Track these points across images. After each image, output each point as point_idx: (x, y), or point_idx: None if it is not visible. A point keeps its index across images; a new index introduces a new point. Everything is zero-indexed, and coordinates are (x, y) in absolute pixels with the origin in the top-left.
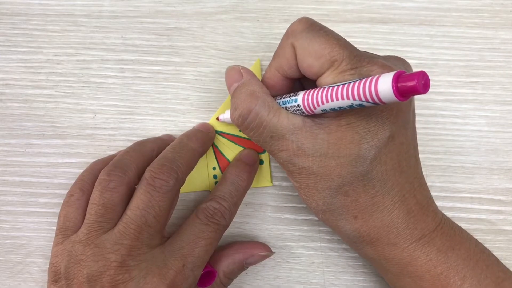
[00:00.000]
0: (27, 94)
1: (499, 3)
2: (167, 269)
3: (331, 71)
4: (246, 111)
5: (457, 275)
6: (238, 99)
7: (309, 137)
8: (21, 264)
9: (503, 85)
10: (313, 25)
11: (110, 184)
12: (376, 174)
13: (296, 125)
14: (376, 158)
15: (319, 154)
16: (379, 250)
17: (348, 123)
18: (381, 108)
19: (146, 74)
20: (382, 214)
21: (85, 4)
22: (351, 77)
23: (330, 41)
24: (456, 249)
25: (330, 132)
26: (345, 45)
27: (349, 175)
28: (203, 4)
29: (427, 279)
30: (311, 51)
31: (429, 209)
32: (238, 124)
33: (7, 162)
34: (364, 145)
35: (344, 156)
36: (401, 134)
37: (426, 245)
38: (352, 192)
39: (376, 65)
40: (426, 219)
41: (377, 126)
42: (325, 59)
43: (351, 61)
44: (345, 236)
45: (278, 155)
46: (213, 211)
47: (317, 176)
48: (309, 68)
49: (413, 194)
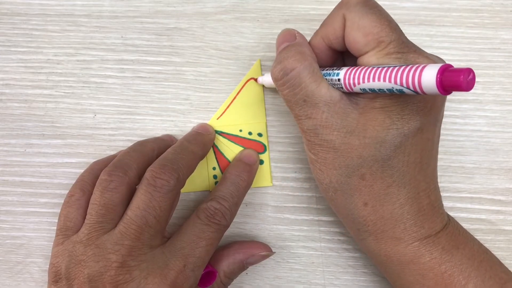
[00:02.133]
0: (27, 94)
1: (499, 3)
2: (168, 269)
3: (377, 51)
4: (290, 66)
5: (461, 274)
6: (286, 54)
7: (341, 113)
8: (21, 264)
9: (503, 85)
10: (369, 1)
11: (111, 184)
12: (397, 163)
13: (333, 97)
14: (401, 146)
15: (345, 131)
16: (382, 243)
17: (383, 106)
18: (418, 98)
19: (146, 74)
20: (394, 206)
21: (85, 4)
22: (396, 61)
23: (381, 20)
24: (461, 248)
25: (362, 112)
26: (395, 28)
27: (369, 158)
28: (203, 4)
29: (430, 277)
30: (360, 26)
31: (439, 211)
32: (277, 77)
33: (7, 162)
34: (393, 131)
35: (370, 137)
36: (430, 130)
37: (431, 244)
38: (369, 176)
39: (422, 56)
40: (435, 220)
41: (410, 115)
42: (372, 37)
43: (399, 45)
44: (350, 221)
45: (305, 121)
46: (213, 211)
47: (337, 151)
48: (354, 43)
49: (428, 194)
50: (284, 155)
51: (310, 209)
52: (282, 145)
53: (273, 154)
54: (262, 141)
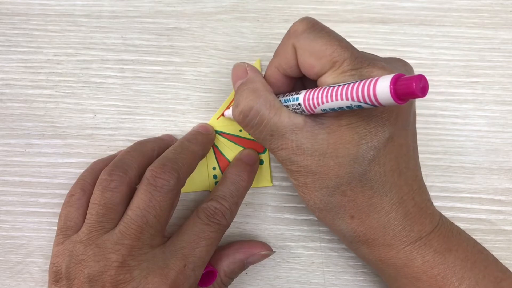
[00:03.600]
0: (27, 94)
1: (499, 3)
2: (169, 269)
3: (332, 71)
4: (247, 108)
5: (454, 276)
6: (240, 96)
7: (309, 137)
8: (21, 264)
9: (503, 85)
10: (315, 26)
11: (111, 184)
12: (374, 175)
13: (297, 124)
14: (374, 159)
15: (318, 154)
16: (375, 250)
17: (349, 123)
18: (382, 109)
19: (146, 74)
20: (379, 215)
21: (85, 4)
22: (351, 78)
23: (331, 41)
24: (454, 250)
25: (330, 132)
26: (346, 46)
27: (347, 175)
28: (203, 4)
29: (424, 280)
30: (312, 52)
31: (427, 211)
32: (239, 121)
33: (7, 162)
34: (363, 146)
35: (342, 156)
36: (401, 136)
37: (422, 247)
38: (350, 192)
39: (376, 67)
40: (423, 222)
41: (377, 127)
42: (326, 59)
43: (352, 62)
44: (342, 235)
45: (278, 153)
46: (213, 211)
47: (315, 174)
48: (311, 68)
49: (412, 196)
50: None
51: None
52: None
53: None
54: None
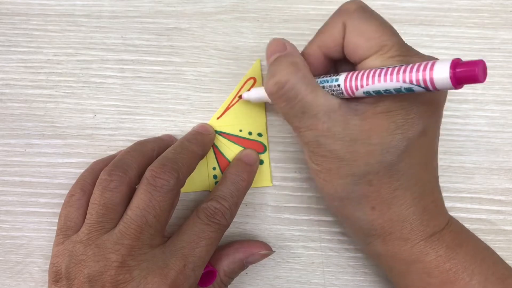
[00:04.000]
0: (27, 94)
1: (499, 3)
2: (168, 269)
3: (379, 54)
4: (284, 79)
5: (465, 271)
6: (278, 67)
7: (342, 121)
8: (21, 264)
9: (503, 85)
10: (367, 8)
11: (111, 184)
12: (404, 166)
13: (332, 106)
14: (406, 150)
15: (348, 139)
16: (389, 245)
17: (387, 110)
18: (422, 101)
19: (146, 74)
20: (400, 209)
21: (85, 4)
22: (399, 63)
23: (382, 25)
24: (464, 246)
25: (364, 119)
26: (395, 33)
27: (376, 164)
28: (203, 4)
29: (435, 275)
30: (362, 31)
31: (442, 208)
32: (272, 91)
33: (7, 162)
34: (398, 135)
35: (375, 143)
36: (433, 130)
37: (436, 242)
38: (376, 182)
39: (424, 58)
40: (439, 217)
41: (415, 118)
42: (374, 42)
43: (401, 49)
44: (357, 228)
45: (305, 133)
46: (213, 211)
47: (342, 161)
48: (356, 49)
49: (432, 192)
50: (284, 155)
51: (310, 209)
52: (282, 145)
53: (273, 154)
54: (262, 141)
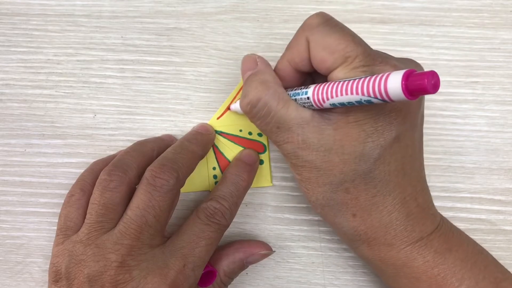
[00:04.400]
0: (27, 94)
1: (499, 3)
2: (168, 269)
3: (344, 66)
4: (255, 99)
5: (454, 277)
6: (249, 87)
7: (316, 132)
8: (21, 264)
9: (503, 85)
10: (330, 20)
11: (111, 184)
12: (379, 174)
13: (304, 118)
14: (380, 158)
15: (323, 149)
16: (375, 250)
17: (356, 120)
18: (390, 108)
19: (146, 74)
20: (381, 215)
21: (85, 4)
22: (363, 74)
23: (345, 37)
24: (454, 250)
25: (337, 128)
26: (359, 42)
27: (351, 172)
28: (203, 4)
29: (423, 280)
30: (325, 46)
31: (429, 212)
32: (246, 111)
33: (7, 162)
34: (369, 144)
35: (348, 153)
36: (408, 136)
37: (423, 247)
38: (353, 189)
39: (388, 65)
40: (425, 222)
41: (384, 126)
42: (338, 54)
43: (365, 59)
44: (343, 233)
45: (283, 146)
46: (213, 211)
47: (319, 170)
48: (322, 62)
49: (415, 197)
50: None
51: (310, 209)
52: None
53: (273, 154)
54: (262, 141)
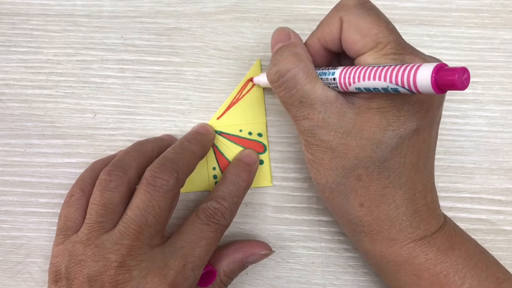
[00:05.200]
0: (27, 94)
1: (499, 3)
2: (168, 269)
3: (374, 51)
4: (285, 68)
5: (457, 275)
6: (281, 56)
7: (337, 113)
8: (21, 264)
9: (503, 85)
10: (366, 3)
11: (111, 184)
12: (394, 164)
13: (329, 97)
14: (397, 148)
15: (342, 131)
16: (377, 243)
17: (379, 107)
18: (414, 100)
19: (146, 74)
20: (389, 208)
21: (85, 4)
22: (392, 62)
23: (379, 22)
24: (457, 249)
25: (359, 113)
26: (393, 30)
27: (366, 159)
28: (203, 4)
29: (425, 278)
30: (358, 28)
31: (435, 212)
32: (273, 80)
33: (7, 162)
34: (389, 132)
35: (366, 138)
36: (426, 131)
37: (426, 245)
38: (366, 177)
39: (419, 57)
40: (430, 221)
41: (406, 117)
42: (370, 38)
43: (396, 47)
44: (346, 222)
45: (301, 122)
46: (213, 211)
47: (334, 152)
48: (352, 44)
49: (424, 195)
50: (284, 155)
51: (310, 209)
52: (282, 145)
53: (273, 154)
54: (262, 141)
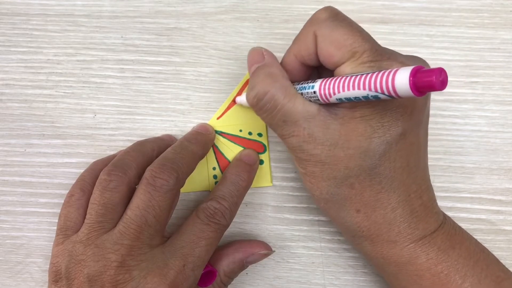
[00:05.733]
0: (27, 94)
1: (499, 3)
2: (168, 269)
3: (351, 61)
4: (262, 92)
5: (457, 274)
6: (256, 79)
7: (322, 126)
8: (21, 264)
9: (503, 85)
10: (338, 15)
11: (111, 184)
12: (384, 170)
13: (310, 112)
14: (385, 154)
15: (329, 143)
16: (378, 246)
17: (362, 115)
18: (397, 104)
19: (146, 74)
20: (385, 211)
21: (85, 4)
22: (370, 70)
23: (353, 32)
24: (457, 248)
25: (343, 123)
26: (367, 38)
27: (356, 168)
28: (203, 4)
29: (427, 277)
30: (333, 40)
31: (433, 210)
32: (252, 104)
33: (7, 162)
34: (375, 139)
35: (353, 148)
36: (413, 133)
37: (426, 245)
38: (358, 185)
39: (396, 61)
40: (429, 220)
41: (391, 122)
42: (346, 49)
43: (372, 54)
44: (345, 229)
45: (289, 140)
46: (213, 211)
47: (324, 164)
48: (329, 57)
49: (419, 195)
50: (284, 155)
51: (310, 209)
52: (282, 145)
53: (273, 154)
54: (262, 141)
